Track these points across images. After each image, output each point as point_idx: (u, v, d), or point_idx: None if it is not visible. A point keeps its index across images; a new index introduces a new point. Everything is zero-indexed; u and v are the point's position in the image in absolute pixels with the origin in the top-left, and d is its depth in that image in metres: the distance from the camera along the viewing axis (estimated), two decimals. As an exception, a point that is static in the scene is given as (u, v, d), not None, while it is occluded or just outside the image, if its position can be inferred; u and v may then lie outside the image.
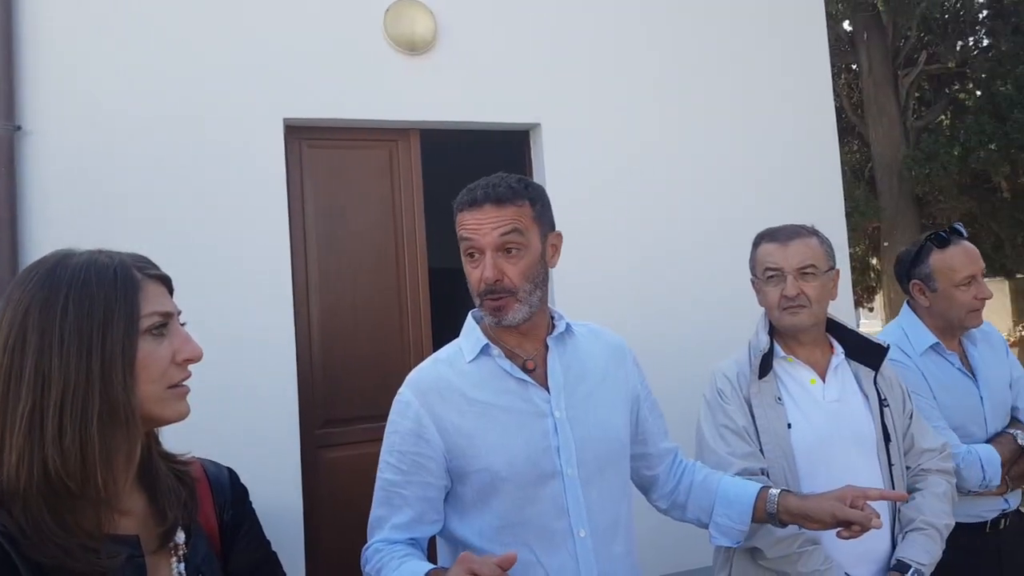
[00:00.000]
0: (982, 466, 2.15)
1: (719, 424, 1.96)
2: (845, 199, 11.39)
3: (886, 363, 2.02)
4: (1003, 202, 10.86)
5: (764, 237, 2.03)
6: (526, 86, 4.29)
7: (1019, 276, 12.23)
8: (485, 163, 5.42)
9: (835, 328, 2.05)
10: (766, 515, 1.65)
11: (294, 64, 3.86)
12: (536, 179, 4.42)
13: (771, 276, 1.97)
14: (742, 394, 1.96)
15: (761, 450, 1.92)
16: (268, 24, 3.85)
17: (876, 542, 1.89)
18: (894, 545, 1.91)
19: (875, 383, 1.99)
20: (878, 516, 1.49)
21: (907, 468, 1.98)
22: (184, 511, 1.09)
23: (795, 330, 1.96)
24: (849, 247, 12.74)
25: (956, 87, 11.30)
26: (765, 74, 4.77)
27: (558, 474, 1.50)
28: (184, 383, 1.07)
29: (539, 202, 1.57)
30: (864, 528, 1.47)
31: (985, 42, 11.28)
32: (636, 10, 4.54)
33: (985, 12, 11.26)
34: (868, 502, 1.53)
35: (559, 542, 1.48)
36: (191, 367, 1.07)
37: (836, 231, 4.98)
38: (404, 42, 4.00)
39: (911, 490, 1.97)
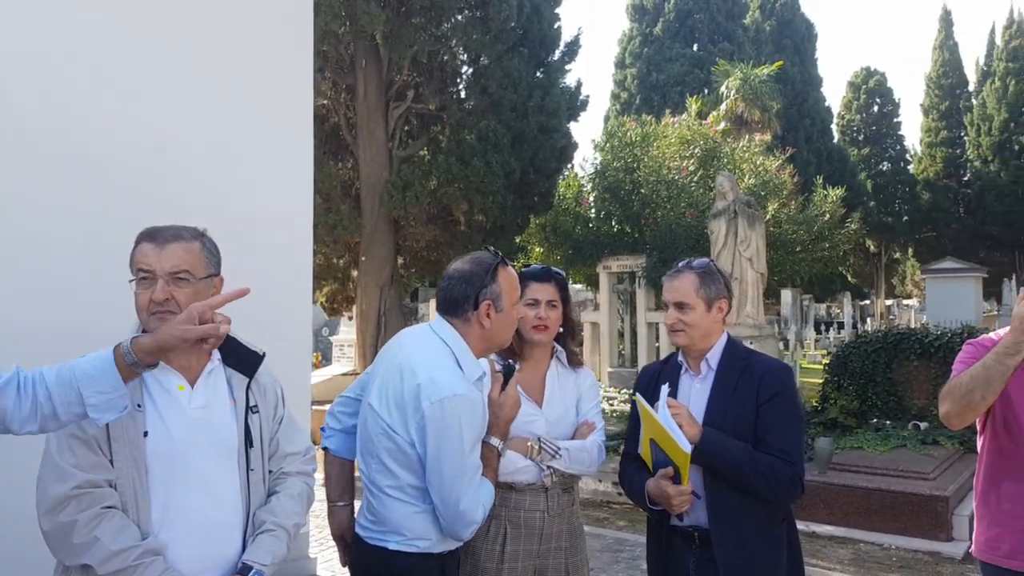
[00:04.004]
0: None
1: (69, 435, 1.82)
2: (331, 212, 12.02)
3: (263, 370, 2.10)
4: (461, 234, 12.62)
5: (143, 236, 1.95)
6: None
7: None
8: None
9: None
10: (128, 367, 1.68)
11: None
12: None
13: (144, 278, 1.90)
14: None
15: (112, 460, 1.82)
16: None
17: (226, 547, 1.95)
18: (246, 548, 1.98)
19: (248, 389, 2.05)
20: None
21: (270, 472, 2.08)
22: None
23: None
24: (332, 258, 13.39)
25: (437, 128, 12.78)
26: (248, 78, 4.70)
27: None
28: None
29: None
30: None
31: (463, 94, 13.03)
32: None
33: (465, 68, 13.02)
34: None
35: None
36: None
37: (303, 240, 5.15)
38: None
39: (271, 493, 2.07)
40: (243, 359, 2.07)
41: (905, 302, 32.35)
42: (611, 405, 10.97)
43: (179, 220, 3.47)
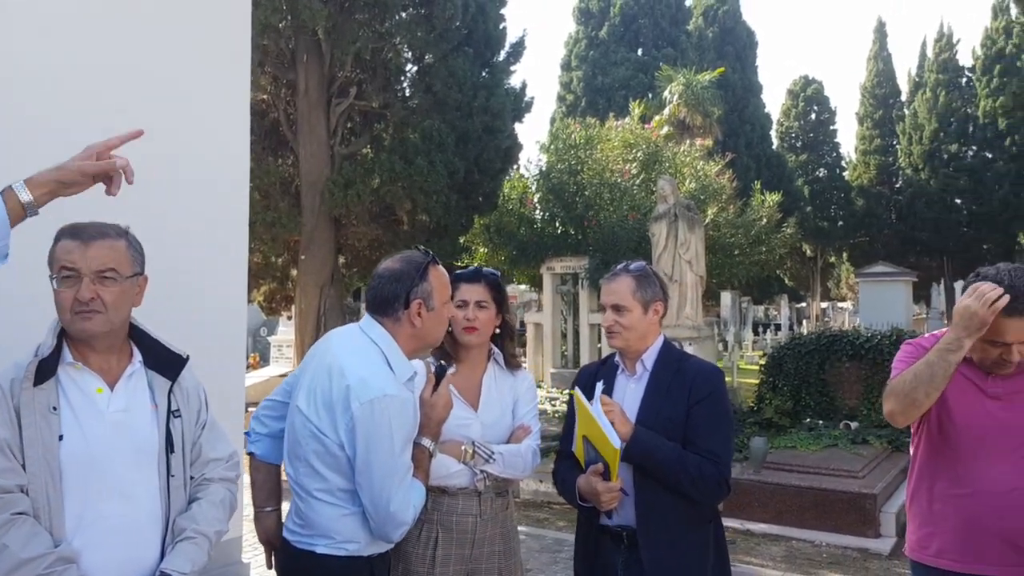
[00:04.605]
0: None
1: (-22, 438, 1.73)
2: (270, 210, 11.78)
3: (185, 373, 2.04)
4: (404, 233, 12.51)
5: (65, 233, 1.87)
6: None
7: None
8: None
9: (138, 335, 2.00)
10: (23, 207, 1.73)
11: None
12: None
13: (67, 276, 1.82)
14: (12, 403, 1.76)
15: (24, 465, 1.75)
16: None
17: (144, 554, 1.89)
18: (165, 556, 1.91)
19: (170, 393, 1.99)
20: None
21: (192, 478, 2.02)
22: None
23: (86, 336, 1.85)
24: (271, 256, 13.13)
25: (380, 126, 12.65)
26: (181, 71, 4.56)
27: None
28: None
29: None
30: None
31: (407, 93, 12.92)
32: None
33: (409, 66, 12.92)
34: None
35: None
36: None
37: (239, 238, 5.02)
38: None
39: (193, 499, 2.01)
40: (165, 362, 2.00)
41: (840, 305, 33.36)
42: (553, 406, 11.02)
43: (108, 217, 3.33)
